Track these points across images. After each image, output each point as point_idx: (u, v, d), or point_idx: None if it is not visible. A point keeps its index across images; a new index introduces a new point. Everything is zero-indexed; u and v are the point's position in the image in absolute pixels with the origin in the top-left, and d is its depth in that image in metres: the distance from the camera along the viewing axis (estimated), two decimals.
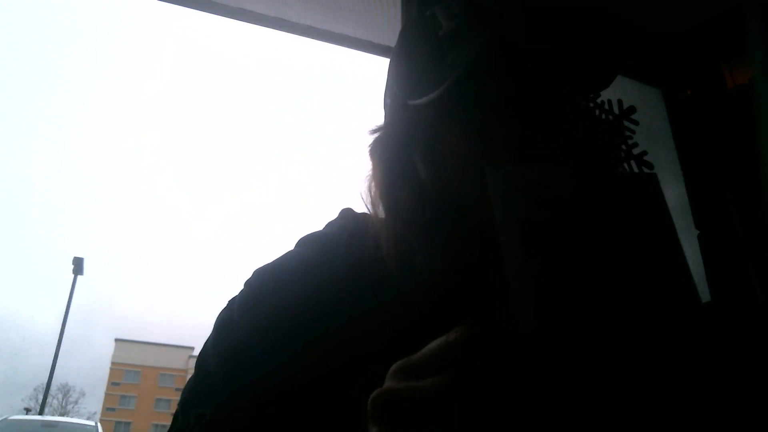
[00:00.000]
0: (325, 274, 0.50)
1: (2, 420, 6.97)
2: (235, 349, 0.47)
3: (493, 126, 0.47)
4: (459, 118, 0.49)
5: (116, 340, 42.04)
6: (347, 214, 0.57)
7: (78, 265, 16.31)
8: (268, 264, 0.53)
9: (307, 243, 0.55)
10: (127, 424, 37.53)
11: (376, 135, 0.57)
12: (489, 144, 0.47)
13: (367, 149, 0.56)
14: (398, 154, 0.53)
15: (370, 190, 0.55)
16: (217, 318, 0.51)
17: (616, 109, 1.88)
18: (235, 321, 0.49)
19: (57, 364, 14.27)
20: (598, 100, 1.85)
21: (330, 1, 1.61)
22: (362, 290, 0.48)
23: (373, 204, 0.54)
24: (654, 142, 1.86)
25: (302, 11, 1.55)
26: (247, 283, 0.52)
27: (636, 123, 1.88)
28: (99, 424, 7.91)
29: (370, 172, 0.55)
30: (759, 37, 1.49)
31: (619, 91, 1.91)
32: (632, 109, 1.90)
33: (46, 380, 14.89)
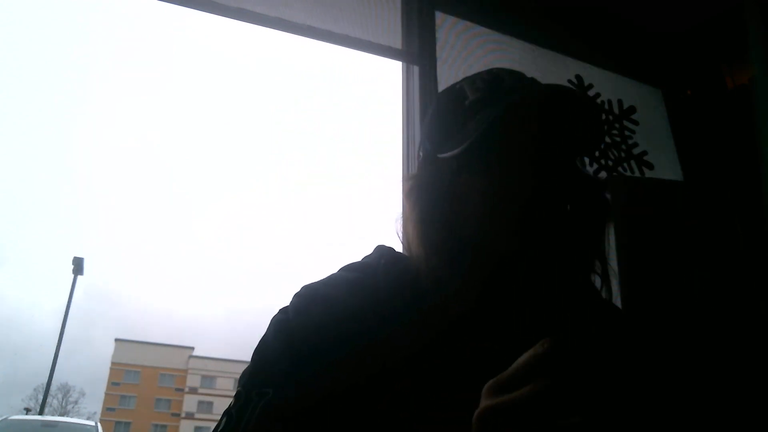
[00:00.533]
0: (367, 293, 0.58)
1: (2, 420, 6.98)
2: (291, 345, 0.55)
3: (504, 177, 0.59)
4: (478, 168, 0.61)
5: (116, 340, 42.03)
6: (382, 247, 0.67)
7: (78, 265, 16.33)
8: (316, 282, 0.61)
9: (349, 268, 0.64)
10: (127, 424, 37.51)
11: (411, 182, 0.67)
12: (502, 191, 0.59)
13: (404, 194, 0.67)
14: (431, 201, 0.64)
15: (404, 228, 0.66)
16: (272, 320, 0.59)
17: (616, 109, 1.88)
18: (291, 322, 0.57)
19: (57, 364, 14.28)
20: (599, 100, 1.85)
21: (330, 1, 1.61)
22: (397, 310, 0.56)
23: (409, 241, 0.65)
24: (654, 142, 1.86)
25: (302, 11, 1.55)
26: (298, 295, 0.60)
27: (636, 123, 1.89)
28: (99, 424, 7.92)
29: (406, 213, 0.66)
30: (759, 37, 1.49)
31: (619, 91, 1.91)
32: (632, 109, 1.90)
33: (46, 380, 14.90)
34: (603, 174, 1.69)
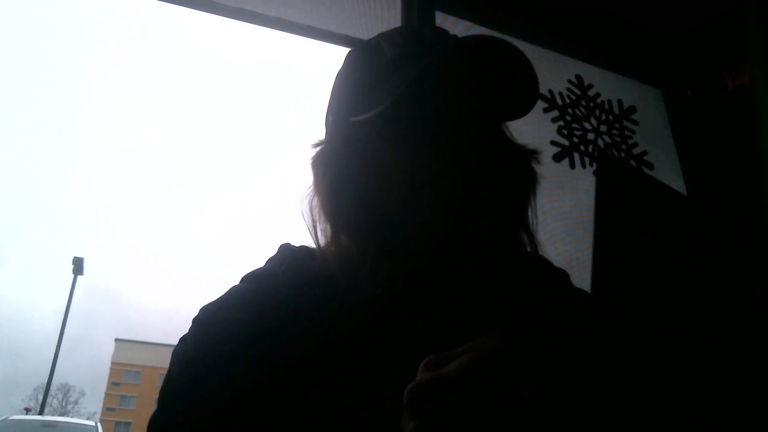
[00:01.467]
0: (265, 302, 0.52)
1: (2, 420, 6.98)
2: (194, 379, 0.49)
3: (423, 142, 0.53)
4: (396, 134, 0.54)
5: (116, 340, 42.04)
6: (286, 248, 0.60)
7: (78, 265, 16.32)
8: (213, 301, 0.55)
9: (248, 279, 0.57)
10: (127, 424, 37.53)
11: (318, 148, 0.60)
12: (418, 158, 0.52)
13: (309, 161, 0.60)
14: (341, 166, 0.57)
15: (311, 205, 0.58)
16: (173, 353, 0.53)
17: (616, 109, 1.88)
18: (190, 354, 0.51)
19: (57, 364, 14.27)
20: (599, 100, 1.85)
21: (330, 1, 1.61)
22: (302, 307, 0.51)
23: (314, 220, 0.57)
24: (654, 142, 1.86)
25: (302, 11, 1.55)
26: (196, 321, 0.54)
27: (636, 123, 1.89)
28: (99, 424, 7.92)
29: (312, 187, 0.58)
30: (759, 37, 1.49)
31: (619, 91, 1.91)
32: (632, 109, 1.90)
33: (46, 380, 14.89)
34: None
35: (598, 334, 0.55)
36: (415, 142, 0.53)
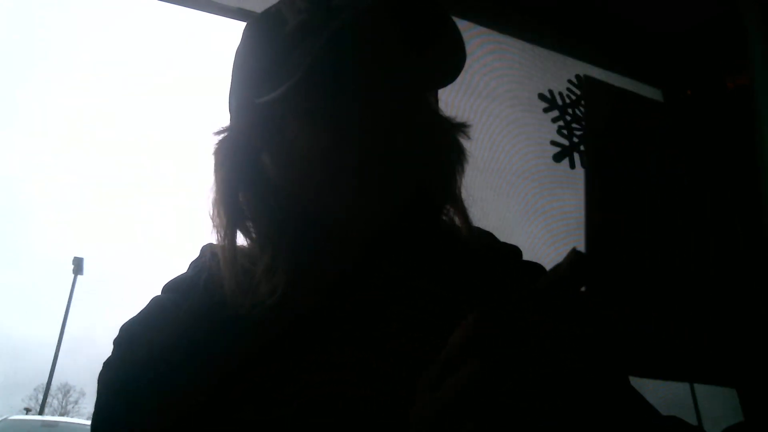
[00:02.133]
0: (187, 317, 0.49)
1: (2, 420, 6.98)
2: (122, 402, 0.47)
3: (340, 119, 0.47)
4: (308, 114, 0.48)
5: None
6: (207, 251, 0.54)
7: (78, 265, 16.31)
8: (133, 318, 0.52)
9: (169, 289, 0.54)
10: None
11: (221, 136, 0.54)
12: (337, 138, 0.47)
13: (212, 151, 0.54)
14: (244, 155, 0.51)
15: (216, 202, 0.53)
16: (99, 379, 0.50)
17: None
18: (114, 379, 0.49)
19: (57, 364, 14.28)
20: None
21: None
22: (215, 327, 0.47)
23: (216, 214, 0.52)
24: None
25: None
26: (116, 342, 0.51)
27: None
28: None
29: (213, 180, 0.53)
30: (759, 36, 1.49)
31: None
32: None
33: (46, 380, 14.89)
34: None
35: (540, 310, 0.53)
36: (331, 121, 0.47)
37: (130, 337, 0.50)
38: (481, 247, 0.57)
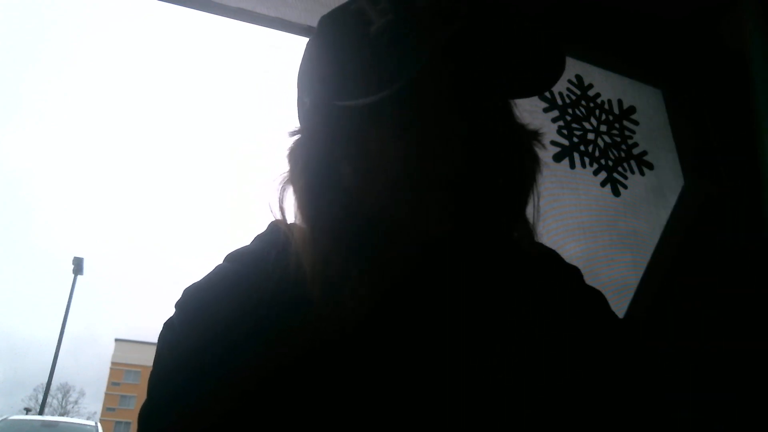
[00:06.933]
0: (255, 292, 0.47)
1: (2, 420, 6.97)
2: (184, 367, 0.45)
3: (433, 135, 0.45)
4: (398, 124, 0.46)
5: (116, 340, 41.99)
6: (276, 228, 0.53)
7: (78, 265, 16.30)
8: (197, 283, 0.50)
9: (236, 258, 0.52)
10: (127, 424, 37.48)
11: (296, 137, 0.53)
12: (428, 153, 0.45)
13: (286, 153, 0.52)
14: (323, 160, 0.49)
15: (281, 200, 0.52)
16: (161, 340, 0.49)
17: (616, 109, 1.88)
18: (179, 340, 0.47)
19: (57, 364, 14.27)
20: (599, 100, 1.85)
21: (330, 1, 1.61)
22: (279, 314, 0.46)
23: (284, 216, 0.52)
24: (654, 142, 1.85)
25: (302, 11, 1.54)
26: (180, 305, 0.49)
27: (636, 123, 1.88)
28: (99, 424, 7.91)
29: (285, 179, 0.52)
30: (759, 36, 1.49)
31: (619, 91, 1.91)
32: (632, 110, 1.90)
33: (46, 380, 14.90)
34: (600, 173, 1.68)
35: (601, 338, 0.51)
36: (420, 132, 0.45)
37: (196, 303, 0.49)
38: (545, 263, 0.56)
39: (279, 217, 0.52)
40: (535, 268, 0.53)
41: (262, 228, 0.56)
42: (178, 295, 0.51)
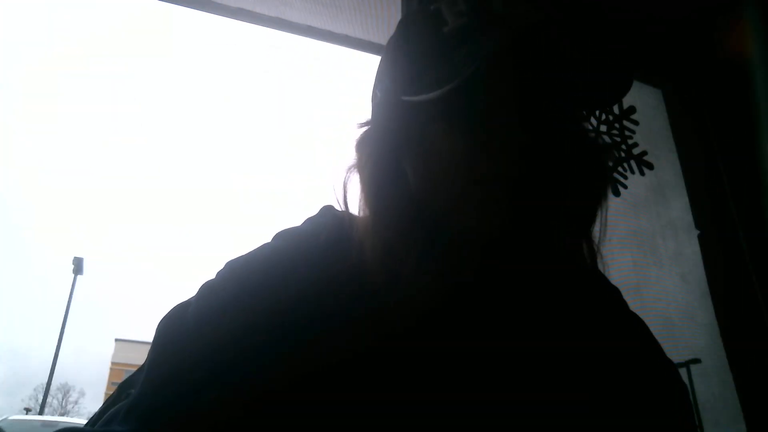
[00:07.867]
0: (303, 274, 0.47)
1: (2, 420, 6.97)
2: (222, 341, 0.44)
3: (496, 133, 0.44)
4: (460, 121, 0.46)
5: (116, 340, 41.97)
6: (328, 212, 0.53)
7: (78, 265, 16.30)
8: (245, 256, 0.50)
9: (285, 238, 0.51)
10: None
11: (365, 129, 0.54)
12: (490, 152, 0.45)
13: (354, 143, 0.53)
14: (389, 154, 0.50)
15: (345, 186, 0.52)
16: (198, 299, 0.48)
17: (616, 109, 1.88)
18: (219, 289, 0.47)
19: (57, 364, 14.27)
20: None
21: (330, 0, 1.61)
22: (337, 300, 0.46)
23: (347, 205, 0.52)
24: (654, 142, 1.86)
25: (302, 11, 1.55)
26: (223, 275, 0.49)
27: (636, 123, 1.88)
28: None
29: (353, 167, 0.52)
30: (759, 35, 1.49)
31: None
32: (632, 109, 1.90)
33: (46, 380, 14.89)
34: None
35: (636, 365, 0.51)
36: (482, 130, 0.45)
37: (243, 274, 0.48)
38: (592, 279, 0.55)
39: (341, 201, 0.52)
40: (584, 283, 0.53)
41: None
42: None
